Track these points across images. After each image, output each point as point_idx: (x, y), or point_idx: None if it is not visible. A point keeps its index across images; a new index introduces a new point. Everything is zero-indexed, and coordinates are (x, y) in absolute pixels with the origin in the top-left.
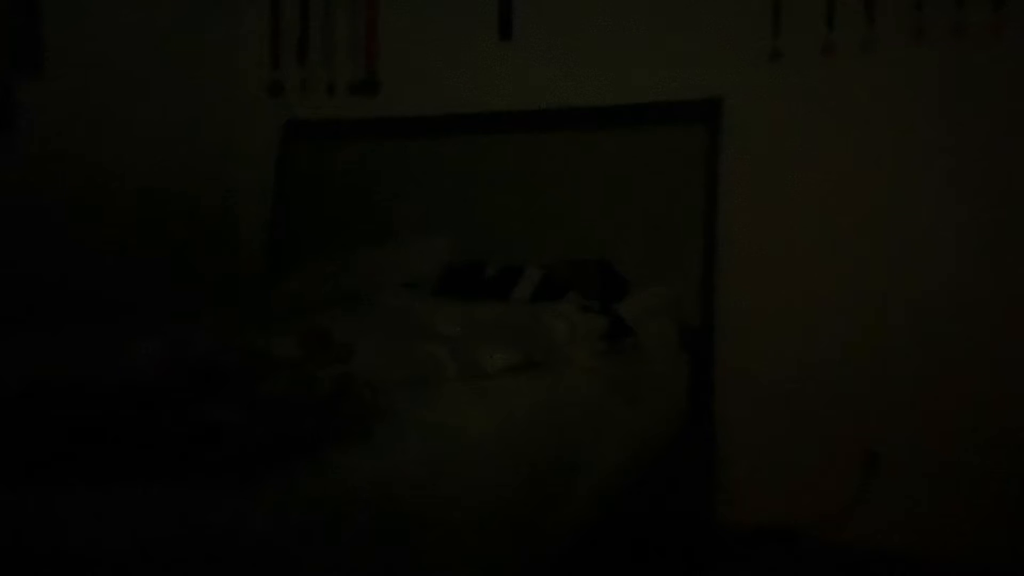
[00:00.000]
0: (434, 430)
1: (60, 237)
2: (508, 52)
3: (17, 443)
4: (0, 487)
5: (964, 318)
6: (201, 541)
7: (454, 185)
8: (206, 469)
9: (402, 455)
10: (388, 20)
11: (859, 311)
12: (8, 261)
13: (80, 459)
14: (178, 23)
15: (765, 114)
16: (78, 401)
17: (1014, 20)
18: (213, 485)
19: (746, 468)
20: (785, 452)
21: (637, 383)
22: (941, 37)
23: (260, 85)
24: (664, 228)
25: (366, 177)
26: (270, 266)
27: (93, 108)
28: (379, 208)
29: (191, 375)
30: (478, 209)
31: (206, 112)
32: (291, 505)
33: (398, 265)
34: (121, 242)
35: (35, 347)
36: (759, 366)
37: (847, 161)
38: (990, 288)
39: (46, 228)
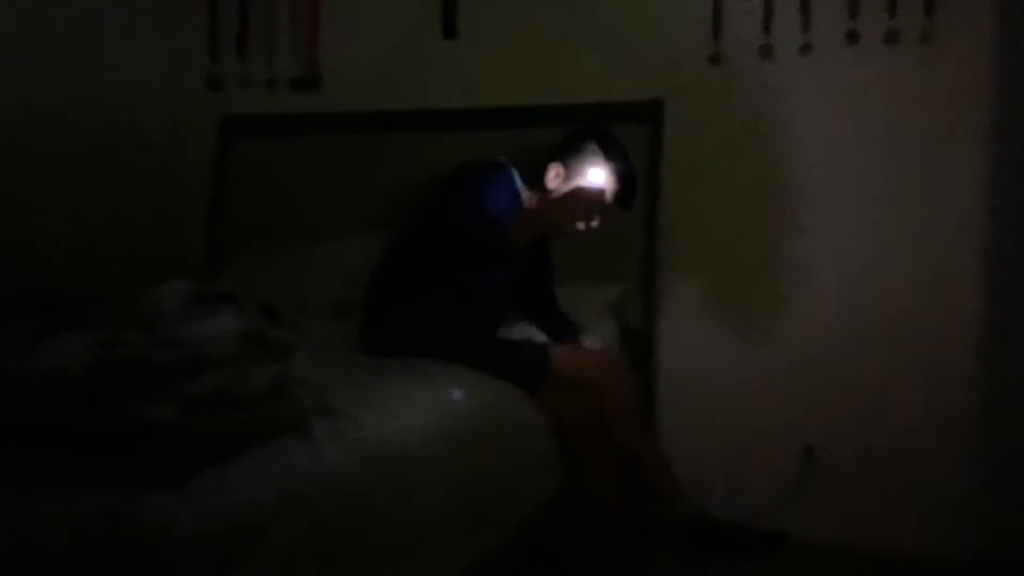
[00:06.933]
0: (374, 431)
1: None
2: (452, 50)
3: None
4: None
5: (899, 315)
6: (131, 542)
7: (397, 182)
8: (137, 468)
9: (340, 456)
10: (330, 14)
11: (798, 309)
12: None
13: (8, 460)
14: (112, 13)
15: (705, 115)
16: (2, 399)
17: (944, 27)
18: (144, 485)
19: (687, 462)
20: (724, 446)
21: None
22: (875, 42)
23: (197, 79)
24: (606, 228)
25: (307, 174)
26: (208, 264)
27: (22, 100)
28: (319, 205)
29: (121, 371)
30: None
31: (141, 105)
32: (224, 506)
33: (334, 263)
34: (51, 240)
35: None
36: (698, 363)
37: (786, 161)
38: (925, 286)
39: None
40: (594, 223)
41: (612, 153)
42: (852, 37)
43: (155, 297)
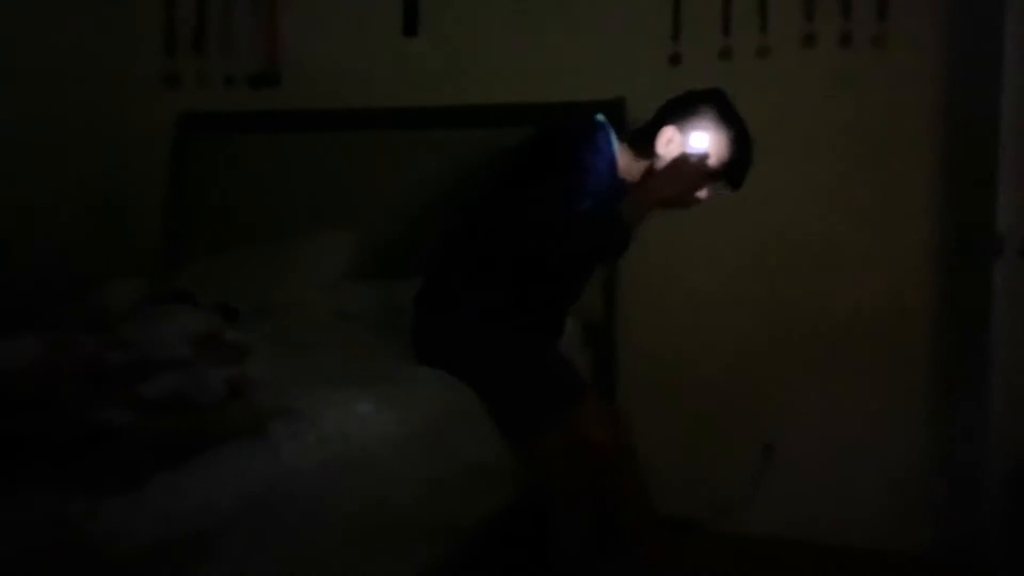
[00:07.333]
0: (334, 432)
1: None
2: (413, 48)
3: None
4: None
5: (853, 313)
6: (83, 550)
7: (357, 181)
8: (90, 473)
9: (298, 458)
10: (289, 10)
11: (754, 309)
12: None
13: None
14: (67, 7)
15: None
16: None
17: (896, 31)
18: (97, 491)
19: (648, 459)
20: (685, 444)
21: None
22: (830, 44)
23: (154, 76)
24: None
25: (266, 172)
26: (165, 263)
27: None
28: (279, 204)
29: (73, 374)
30: (381, 206)
31: (97, 103)
32: (179, 510)
33: (295, 261)
34: (2, 239)
35: None
36: (659, 362)
37: None
38: (878, 285)
39: None
40: (702, 194)
41: (731, 119)
42: (809, 40)
43: (109, 297)
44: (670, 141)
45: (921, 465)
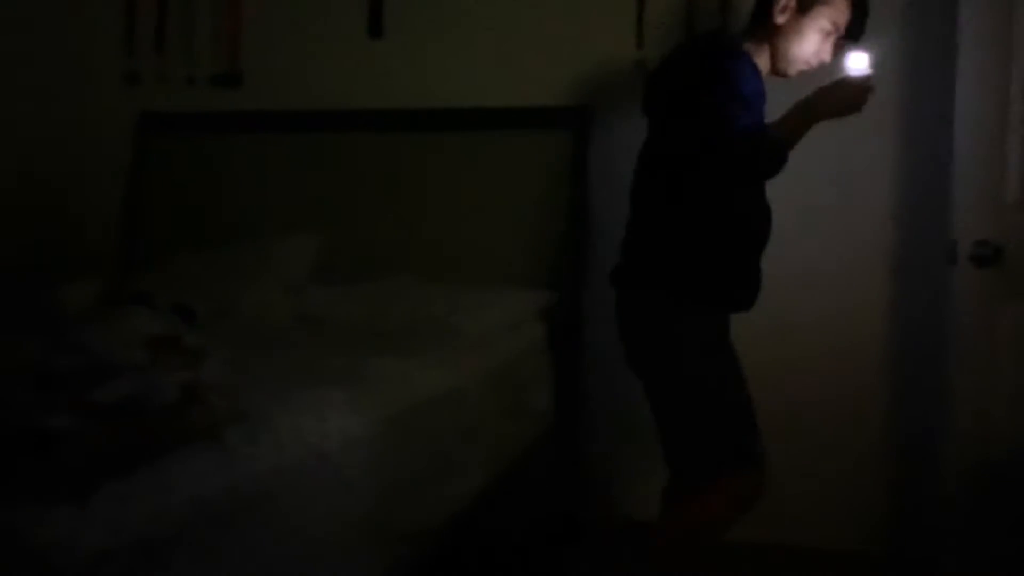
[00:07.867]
0: (292, 434)
1: None
2: (378, 50)
3: None
4: None
5: (807, 314)
6: (31, 558)
7: (320, 183)
8: (36, 481)
9: (253, 462)
10: (252, 9)
11: None
12: None
13: None
14: (26, 5)
15: (629, 120)
16: None
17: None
18: (45, 499)
19: (607, 461)
20: (643, 447)
21: None
22: None
23: (114, 74)
24: (534, 231)
25: (228, 173)
26: (125, 264)
27: None
28: (241, 205)
29: (21, 380)
30: (344, 208)
31: (55, 101)
32: (129, 518)
33: (257, 262)
34: None
35: None
36: (620, 362)
37: None
38: (837, 288)
39: None
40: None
41: None
42: None
43: (63, 299)
44: (785, 8)
45: (879, 467)
